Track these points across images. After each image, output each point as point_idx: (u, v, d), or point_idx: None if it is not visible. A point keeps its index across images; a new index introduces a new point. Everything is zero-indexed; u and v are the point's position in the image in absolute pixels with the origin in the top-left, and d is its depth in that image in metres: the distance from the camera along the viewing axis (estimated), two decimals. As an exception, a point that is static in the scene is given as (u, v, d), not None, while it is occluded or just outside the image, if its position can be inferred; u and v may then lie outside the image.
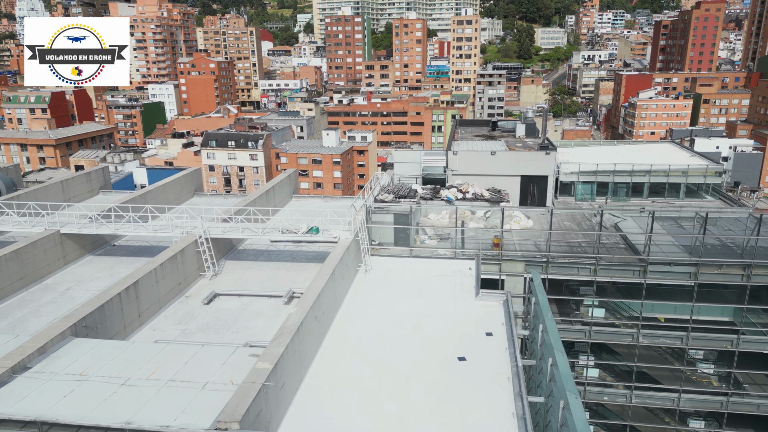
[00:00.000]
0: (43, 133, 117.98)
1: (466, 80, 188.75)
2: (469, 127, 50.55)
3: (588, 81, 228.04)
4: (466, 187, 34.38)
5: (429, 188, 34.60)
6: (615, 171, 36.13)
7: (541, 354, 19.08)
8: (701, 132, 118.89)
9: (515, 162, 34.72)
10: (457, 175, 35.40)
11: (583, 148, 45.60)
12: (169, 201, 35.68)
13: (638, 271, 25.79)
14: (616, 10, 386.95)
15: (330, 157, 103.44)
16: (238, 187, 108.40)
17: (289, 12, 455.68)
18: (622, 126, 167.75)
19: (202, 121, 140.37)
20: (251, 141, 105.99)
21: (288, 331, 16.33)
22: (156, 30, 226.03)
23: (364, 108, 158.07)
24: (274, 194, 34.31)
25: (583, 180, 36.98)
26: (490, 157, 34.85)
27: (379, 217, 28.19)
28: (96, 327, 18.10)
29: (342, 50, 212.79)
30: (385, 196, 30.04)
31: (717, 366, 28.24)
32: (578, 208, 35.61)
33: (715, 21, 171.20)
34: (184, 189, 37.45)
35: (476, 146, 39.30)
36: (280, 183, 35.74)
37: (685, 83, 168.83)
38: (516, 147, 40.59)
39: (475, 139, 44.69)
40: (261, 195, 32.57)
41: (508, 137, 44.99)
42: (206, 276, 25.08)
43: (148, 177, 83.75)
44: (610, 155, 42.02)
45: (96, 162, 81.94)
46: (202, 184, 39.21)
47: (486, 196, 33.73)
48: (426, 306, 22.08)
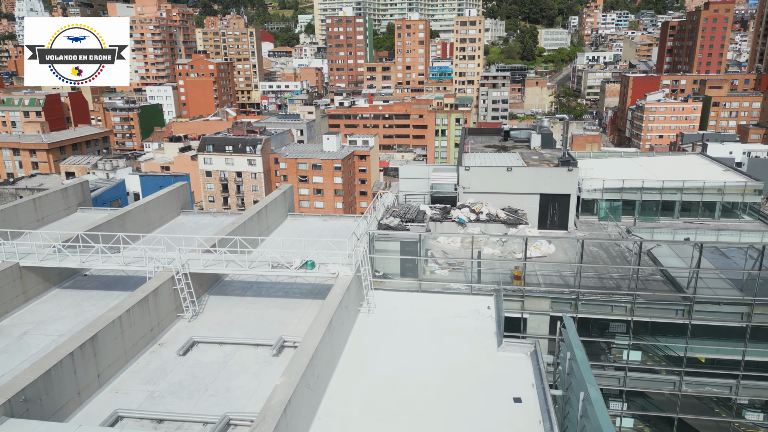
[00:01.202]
0: (36, 137, 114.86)
1: (470, 82, 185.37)
2: (478, 136, 47.19)
3: (593, 82, 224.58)
4: (479, 207, 31.04)
5: (438, 208, 31.26)
6: (643, 188, 32.78)
7: (582, 427, 15.74)
8: (713, 137, 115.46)
9: (534, 179, 31.37)
10: (469, 193, 32.05)
11: (602, 160, 42.21)
12: (152, 221, 32.40)
13: (682, 311, 22.41)
14: (620, 11, 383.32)
15: (330, 162, 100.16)
16: (236, 193, 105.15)
17: (290, 12, 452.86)
18: (629, 129, 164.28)
19: (199, 125, 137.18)
20: (249, 146, 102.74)
21: (272, 415, 12.99)
22: (155, 31, 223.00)
23: (366, 111, 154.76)
24: (266, 214, 30.99)
25: (607, 197, 33.62)
26: (505, 174, 31.50)
27: (383, 244, 24.87)
28: (39, 399, 14.75)
29: (343, 51, 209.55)
30: (390, 220, 26.71)
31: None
32: (603, 229, 32.23)
33: (724, 22, 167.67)
34: (169, 207, 34.14)
35: (489, 160, 35.94)
36: (274, 201, 32.41)
37: (694, 85, 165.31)
38: (532, 160, 37.24)
39: (487, 150, 41.34)
40: (252, 216, 29.24)
41: (522, 148, 41.64)
42: (185, 317, 21.75)
43: (141, 184, 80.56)
44: (634, 169, 38.65)
45: (87, 169, 78.74)
46: (190, 201, 35.96)
47: (502, 217, 30.39)
48: (438, 359, 18.75)
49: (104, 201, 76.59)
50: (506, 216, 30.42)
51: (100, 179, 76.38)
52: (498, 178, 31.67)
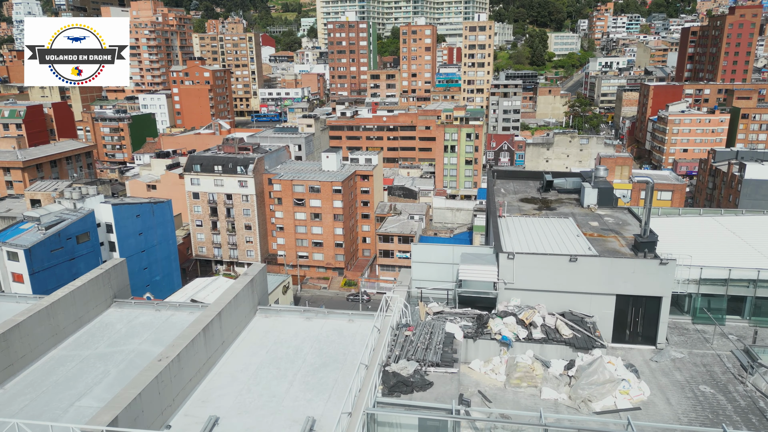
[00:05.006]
0: (11, 153, 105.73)
1: (479, 90, 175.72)
2: (509, 181, 37.49)
3: (607, 90, 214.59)
4: (530, 315, 21.39)
5: (470, 316, 21.64)
6: (759, 280, 23.16)
7: None
8: (749, 154, 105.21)
9: (609, 274, 21.72)
10: (513, 290, 22.41)
11: (673, 221, 32.44)
12: (63, 325, 22.91)
13: None
14: (631, 15, 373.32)
15: (330, 184, 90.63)
16: (225, 216, 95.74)
17: (293, 16, 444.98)
18: (649, 141, 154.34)
19: (189, 139, 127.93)
20: (241, 165, 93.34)
21: None
22: (150, 36, 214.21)
23: (369, 122, 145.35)
24: (220, 325, 21.41)
25: (704, 292, 23.97)
26: (567, 264, 21.87)
27: (391, 415, 15.30)
28: None
29: (345, 58, 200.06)
30: (402, 367, 17.06)
31: None
32: (706, 344, 22.53)
33: (751, 28, 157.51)
34: (92, 299, 24.64)
35: (533, 231, 26.34)
36: (237, 298, 22.86)
37: (719, 95, 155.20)
38: (590, 228, 27.59)
39: (524, 206, 31.66)
40: (198, 335, 19.65)
41: (569, 204, 31.96)
42: None
43: (114, 215, 71.21)
44: (727, 239, 28.92)
45: (52, 198, 69.42)
46: (129, 289, 26.45)
47: (565, 334, 20.73)
48: None
49: (69, 236, 67.33)
50: (571, 332, 20.75)
51: (65, 210, 67.02)
52: (555, 270, 22.04)
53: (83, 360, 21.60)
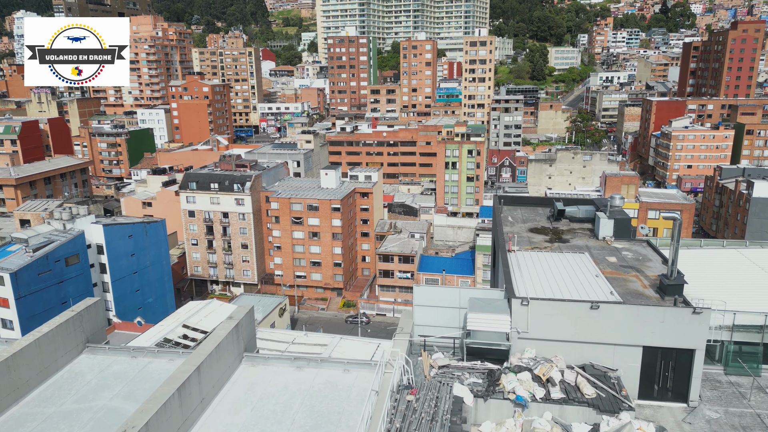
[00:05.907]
0: (4, 170, 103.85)
1: (480, 105, 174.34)
2: (516, 207, 35.30)
3: (608, 105, 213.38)
4: (547, 370, 19.07)
5: (479, 371, 19.32)
6: (798, 327, 20.95)
7: None
8: (756, 171, 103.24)
9: (635, 323, 19.44)
10: (526, 339, 20.11)
11: (693, 252, 30.21)
12: (26, 377, 20.57)
13: None
14: (631, 29, 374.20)
15: (328, 203, 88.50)
16: (221, 235, 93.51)
17: (293, 30, 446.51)
18: (652, 157, 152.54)
19: (186, 155, 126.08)
20: (237, 183, 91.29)
21: None
22: (150, 50, 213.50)
23: (369, 137, 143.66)
24: (199, 380, 19.08)
25: (737, 339, 21.68)
26: (588, 312, 19.59)
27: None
28: None
29: (345, 73, 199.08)
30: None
31: None
32: (742, 400, 20.18)
33: (754, 43, 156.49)
34: (62, 346, 22.30)
35: (546, 270, 24.08)
36: (219, 348, 20.55)
37: (722, 110, 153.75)
38: (607, 264, 25.34)
39: (534, 238, 29.44)
40: (172, 397, 17.33)
41: (583, 235, 29.74)
42: None
43: (105, 236, 68.98)
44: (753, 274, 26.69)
45: (42, 219, 67.23)
46: (104, 331, 24.20)
47: (588, 394, 18.38)
48: None
49: (58, 258, 65.03)
50: (594, 391, 18.40)
51: (54, 231, 64.80)
52: (575, 318, 19.76)
53: (46, 419, 19.25)
